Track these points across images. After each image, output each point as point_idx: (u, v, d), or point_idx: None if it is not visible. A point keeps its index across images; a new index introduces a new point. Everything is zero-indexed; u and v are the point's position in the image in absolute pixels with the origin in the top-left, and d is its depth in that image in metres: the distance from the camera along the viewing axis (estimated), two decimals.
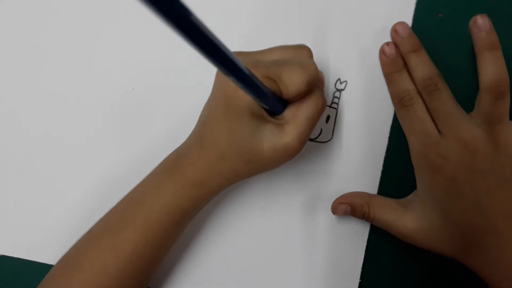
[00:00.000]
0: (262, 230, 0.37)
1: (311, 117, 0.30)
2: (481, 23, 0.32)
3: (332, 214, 0.36)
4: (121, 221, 0.32)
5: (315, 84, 0.30)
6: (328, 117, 0.37)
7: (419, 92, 0.34)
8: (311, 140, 0.37)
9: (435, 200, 0.32)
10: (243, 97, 0.28)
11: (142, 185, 0.33)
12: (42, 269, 0.38)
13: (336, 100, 0.36)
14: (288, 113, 0.30)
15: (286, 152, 0.30)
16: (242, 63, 0.22)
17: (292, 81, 0.29)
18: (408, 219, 0.33)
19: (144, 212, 0.31)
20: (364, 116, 0.36)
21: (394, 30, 0.34)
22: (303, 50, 0.31)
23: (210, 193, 0.32)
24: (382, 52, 0.35)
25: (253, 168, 0.30)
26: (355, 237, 0.36)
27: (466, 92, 0.35)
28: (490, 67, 0.32)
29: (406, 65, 0.34)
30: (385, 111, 0.36)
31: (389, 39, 0.35)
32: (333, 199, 0.36)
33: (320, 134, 0.37)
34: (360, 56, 0.36)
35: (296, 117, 0.30)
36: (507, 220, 0.31)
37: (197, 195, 0.31)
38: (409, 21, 0.36)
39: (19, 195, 0.39)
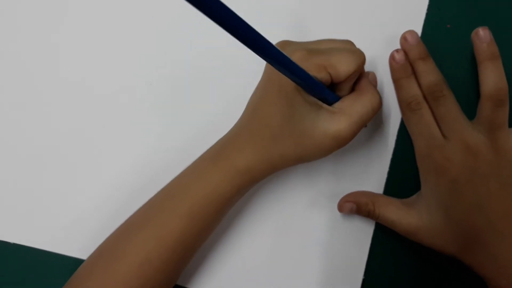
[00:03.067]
0: (269, 227, 0.38)
1: (366, 112, 0.31)
2: (482, 35, 0.34)
3: (338, 212, 0.38)
4: (163, 211, 0.33)
5: (362, 68, 0.32)
6: None
7: (425, 98, 0.35)
8: None
9: (438, 200, 0.34)
10: (293, 83, 0.29)
11: (184, 176, 0.34)
12: (66, 262, 0.39)
13: None
14: (344, 103, 0.32)
15: (336, 139, 0.31)
16: (287, 56, 0.24)
17: (342, 64, 0.30)
18: (412, 217, 0.35)
19: (188, 202, 0.32)
20: (373, 119, 0.38)
21: (404, 38, 0.36)
22: (349, 42, 0.33)
23: (253, 180, 0.33)
24: (392, 58, 0.36)
25: (301, 154, 0.31)
26: (359, 235, 0.38)
27: (470, 99, 0.36)
28: (490, 77, 0.34)
29: (413, 71, 0.36)
30: (393, 115, 0.38)
31: (398, 47, 0.37)
32: (340, 198, 0.37)
33: None
34: (370, 61, 0.38)
35: (352, 108, 0.31)
36: (506, 220, 0.32)
37: (241, 182, 0.32)
38: (418, 30, 0.38)
39: (47, 187, 0.40)
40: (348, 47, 0.32)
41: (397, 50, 0.36)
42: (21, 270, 0.39)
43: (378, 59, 0.38)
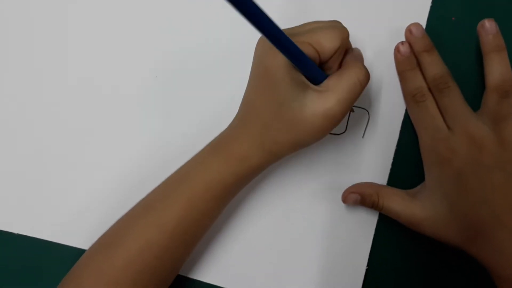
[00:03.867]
0: (272, 217, 0.39)
1: (353, 85, 0.31)
2: (488, 26, 0.34)
3: (342, 203, 0.38)
4: (164, 198, 0.33)
5: (347, 42, 0.32)
6: None
7: (429, 90, 0.36)
8: None
9: (443, 192, 0.34)
10: (281, 64, 0.29)
11: (186, 165, 0.34)
12: (70, 252, 0.39)
13: None
14: (330, 81, 0.31)
15: (326, 118, 0.30)
16: (280, 28, 0.25)
17: (326, 40, 0.30)
18: (416, 208, 0.35)
19: (188, 189, 0.32)
20: (377, 111, 0.38)
21: (409, 30, 0.36)
22: (334, 21, 0.33)
23: (252, 169, 0.32)
24: (397, 50, 0.36)
25: (295, 138, 0.31)
26: (363, 226, 0.38)
27: (474, 91, 0.36)
28: (496, 68, 0.34)
29: (418, 64, 0.36)
30: (397, 107, 0.38)
31: (402, 39, 0.37)
32: (344, 189, 0.38)
33: None
34: (375, 54, 0.38)
35: (337, 85, 0.31)
36: (511, 212, 0.32)
37: (239, 170, 0.32)
38: (423, 22, 0.38)
39: (51, 179, 0.40)
40: (330, 24, 0.32)
41: (402, 42, 0.36)
42: (25, 260, 0.39)
43: (383, 51, 0.38)
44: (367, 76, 0.31)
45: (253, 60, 0.32)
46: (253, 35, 0.28)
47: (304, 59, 0.29)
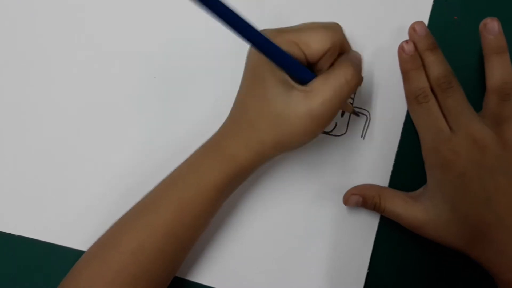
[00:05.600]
0: (274, 220, 0.38)
1: (339, 86, 0.29)
2: (490, 27, 0.34)
3: (343, 205, 0.37)
4: (157, 201, 0.33)
5: (342, 45, 0.31)
6: (343, 112, 0.38)
7: (432, 91, 0.35)
8: (325, 133, 0.38)
9: (445, 194, 0.34)
10: (266, 63, 0.29)
11: (179, 167, 0.34)
12: (70, 254, 0.39)
13: (351, 95, 0.38)
14: (316, 81, 0.30)
15: (310, 119, 0.29)
16: (256, 27, 0.25)
17: (314, 41, 0.29)
18: (418, 210, 0.34)
19: (179, 191, 0.32)
20: (378, 112, 0.38)
21: (412, 29, 0.36)
22: (332, 22, 0.32)
23: (242, 168, 0.32)
24: (401, 49, 0.36)
25: (279, 138, 0.30)
26: (364, 228, 0.38)
27: (476, 91, 0.36)
28: (497, 70, 0.33)
29: (422, 63, 0.36)
30: (399, 108, 0.38)
31: (404, 39, 0.36)
32: (345, 191, 0.37)
33: (335, 127, 0.38)
34: (376, 53, 0.38)
35: (323, 85, 0.30)
36: None
37: (229, 170, 0.32)
38: (425, 21, 0.37)
39: (51, 181, 0.39)
40: (324, 23, 0.31)
41: (406, 41, 0.36)
42: (25, 261, 0.39)
43: (384, 51, 0.38)
44: (355, 76, 0.30)
45: (246, 60, 0.32)
46: None
47: (284, 59, 0.28)
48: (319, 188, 0.38)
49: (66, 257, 0.39)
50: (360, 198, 0.36)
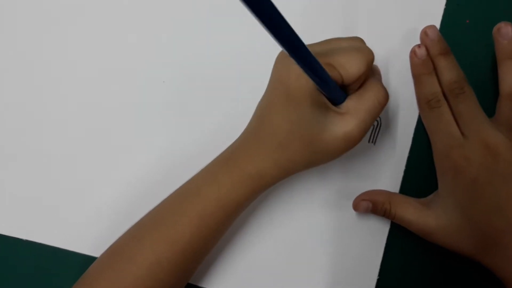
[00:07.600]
0: (283, 226, 0.38)
1: (373, 107, 0.31)
2: (504, 31, 0.33)
3: (353, 210, 0.37)
4: (175, 213, 0.32)
5: (371, 66, 0.31)
6: None
7: (444, 95, 0.35)
8: None
9: (456, 200, 0.33)
10: (304, 85, 0.29)
11: (197, 178, 0.33)
12: (78, 259, 0.39)
13: None
14: (350, 102, 0.31)
15: (345, 141, 0.30)
16: (304, 42, 0.24)
17: (351, 64, 0.30)
18: (428, 217, 0.34)
19: (200, 205, 0.32)
20: (389, 117, 0.37)
21: (424, 33, 0.35)
22: (357, 39, 0.32)
23: (266, 185, 0.32)
24: (413, 53, 0.35)
25: (311, 157, 0.31)
26: (375, 235, 0.37)
27: (489, 96, 0.36)
28: (510, 75, 0.33)
29: (434, 68, 0.35)
30: (410, 113, 0.37)
31: (415, 43, 0.36)
32: (355, 197, 0.37)
33: None
34: (387, 58, 0.37)
35: (358, 107, 0.30)
36: None
37: (253, 188, 0.32)
38: (436, 25, 0.37)
39: (60, 186, 0.39)
40: (356, 46, 0.31)
41: (418, 45, 0.35)
42: (34, 266, 0.39)
43: (395, 55, 0.37)
44: (386, 97, 0.31)
45: (272, 75, 0.32)
46: (267, 43, 0.27)
47: (329, 82, 0.28)
48: (329, 194, 0.38)
49: (74, 262, 0.39)
50: (370, 204, 0.36)
